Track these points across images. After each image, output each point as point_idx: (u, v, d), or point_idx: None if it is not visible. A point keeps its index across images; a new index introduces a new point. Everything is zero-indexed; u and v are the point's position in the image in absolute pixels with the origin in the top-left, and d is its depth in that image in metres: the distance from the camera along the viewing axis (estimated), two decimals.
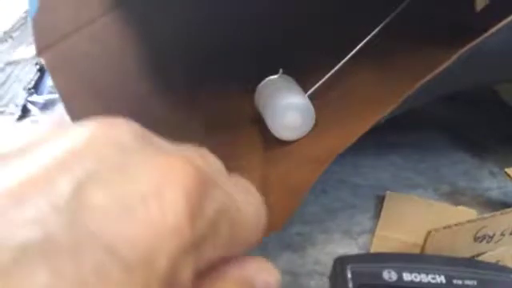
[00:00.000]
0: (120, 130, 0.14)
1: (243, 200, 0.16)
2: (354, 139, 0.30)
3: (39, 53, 0.24)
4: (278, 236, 0.32)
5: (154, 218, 0.12)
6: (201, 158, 0.15)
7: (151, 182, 0.12)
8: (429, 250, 0.27)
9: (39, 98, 0.45)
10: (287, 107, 0.35)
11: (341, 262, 0.25)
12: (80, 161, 0.12)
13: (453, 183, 0.38)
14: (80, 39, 0.29)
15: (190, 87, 0.40)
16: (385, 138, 0.41)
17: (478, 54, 0.28)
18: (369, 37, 0.39)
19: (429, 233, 0.27)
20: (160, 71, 0.37)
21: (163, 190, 0.12)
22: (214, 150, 0.40)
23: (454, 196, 0.37)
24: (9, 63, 0.46)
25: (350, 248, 0.32)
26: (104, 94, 0.30)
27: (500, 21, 0.26)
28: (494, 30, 0.26)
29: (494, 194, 0.37)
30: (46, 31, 0.25)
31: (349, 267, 0.25)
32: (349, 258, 0.25)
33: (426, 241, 0.27)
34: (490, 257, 0.29)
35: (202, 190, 0.13)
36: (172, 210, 0.12)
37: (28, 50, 0.48)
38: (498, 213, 0.28)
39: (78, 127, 0.14)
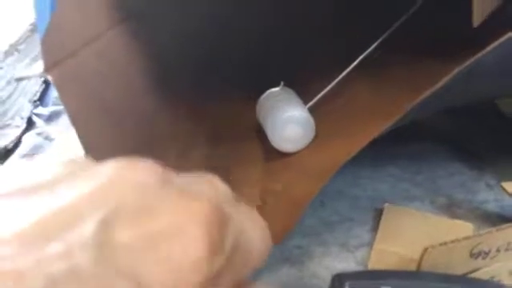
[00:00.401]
0: (143, 171, 0.14)
1: (251, 228, 0.16)
2: (355, 151, 0.30)
3: (47, 70, 0.24)
4: (277, 249, 0.32)
5: (177, 256, 0.13)
6: (214, 190, 0.16)
7: (174, 221, 0.13)
8: (425, 267, 0.27)
9: (44, 110, 0.46)
10: (287, 120, 0.35)
11: (339, 279, 0.25)
12: (106, 199, 0.13)
13: (449, 195, 0.38)
14: (87, 55, 0.30)
15: (194, 100, 0.40)
16: (383, 148, 0.42)
17: (476, 70, 0.29)
18: (369, 50, 0.39)
19: (425, 250, 0.27)
20: (166, 85, 0.38)
21: (185, 228, 0.13)
22: (216, 162, 0.40)
23: (451, 209, 0.37)
24: (16, 78, 0.46)
25: (348, 262, 0.32)
26: (111, 110, 0.31)
27: (500, 32, 0.27)
28: (490, 47, 0.27)
29: (491, 206, 0.37)
30: (54, 49, 0.25)
31: (347, 284, 0.25)
32: (347, 275, 0.26)
33: (422, 257, 0.27)
34: (485, 273, 0.29)
35: (221, 227, 0.14)
36: (194, 247, 0.13)
37: (34, 64, 0.49)
38: (494, 229, 0.28)
39: (103, 167, 0.14)
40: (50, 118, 0.46)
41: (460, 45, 0.31)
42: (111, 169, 0.14)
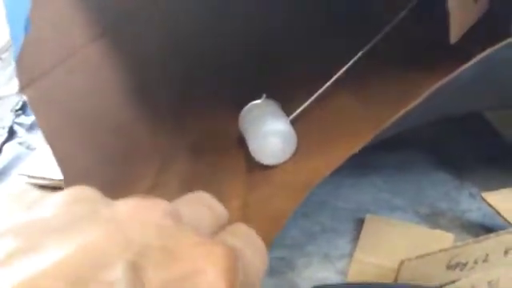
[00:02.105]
0: (155, 211, 0.15)
1: (252, 253, 0.18)
2: (336, 166, 0.30)
3: (22, 90, 0.24)
4: None
5: None
6: (214, 217, 0.18)
7: (195, 265, 0.14)
8: (402, 279, 0.28)
9: (26, 119, 0.46)
10: (268, 133, 0.35)
11: None
12: (129, 240, 0.14)
13: (432, 205, 0.39)
14: (61, 73, 0.30)
15: (176, 112, 0.41)
16: (366, 158, 0.42)
17: (454, 85, 0.29)
18: (353, 60, 0.39)
19: (402, 262, 0.27)
20: (146, 98, 0.38)
21: (206, 272, 0.14)
22: (197, 174, 0.40)
23: (434, 218, 0.37)
24: None
25: (329, 273, 0.32)
26: (89, 126, 0.31)
27: (483, 42, 0.27)
28: (468, 64, 0.27)
29: (473, 216, 0.38)
30: (28, 68, 0.25)
31: None
32: None
33: (399, 270, 0.27)
34: (463, 284, 0.29)
35: (235, 269, 0.15)
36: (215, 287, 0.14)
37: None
38: (471, 241, 0.29)
39: (117, 207, 0.15)
40: (32, 127, 0.46)
41: (447, 55, 0.31)
42: (125, 209, 0.15)
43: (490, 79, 0.29)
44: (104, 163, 0.31)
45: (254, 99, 0.40)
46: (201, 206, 0.18)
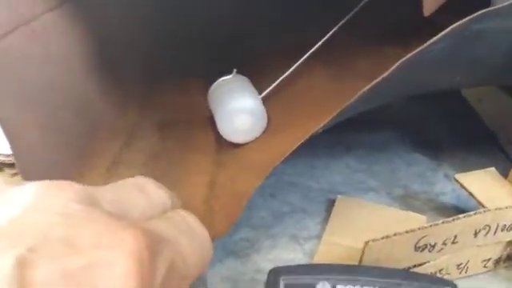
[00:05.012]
0: (64, 198, 0.14)
1: (188, 242, 0.16)
2: (297, 144, 0.29)
3: None
4: (223, 241, 0.31)
5: None
6: (147, 201, 0.16)
7: (99, 255, 0.12)
8: (367, 261, 0.27)
9: None
10: (237, 110, 0.34)
11: (274, 274, 0.25)
12: (24, 232, 0.12)
13: (406, 186, 0.38)
14: (18, 38, 0.28)
15: (143, 88, 0.39)
16: (340, 138, 0.41)
17: (426, 58, 0.28)
18: (327, 36, 0.38)
19: (367, 243, 0.26)
20: (111, 72, 0.36)
21: (112, 264, 0.12)
22: (165, 151, 0.39)
23: (407, 200, 0.36)
24: None
25: (295, 254, 0.31)
26: (46, 99, 0.29)
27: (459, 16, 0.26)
28: (436, 38, 0.26)
29: (447, 198, 0.37)
30: None
31: (282, 279, 0.24)
32: (282, 270, 0.25)
33: (364, 251, 0.26)
34: (432, 266, 0.29)
35: (152, 259, 0.13)
36: (123, 281, 0.12)
37: None
38: (440, 221, 0.28)
39: (19, 192, 0.14)
40: None
41: (421, 31, 0.30)
42: (30, 195, 0.13)
43: (462, 53, 0.28)
44: (61, 138, 0.30)
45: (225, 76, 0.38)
46: (133, 191, 0.17)
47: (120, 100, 0.37)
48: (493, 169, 0.35)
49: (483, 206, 0.32)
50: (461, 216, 0.28)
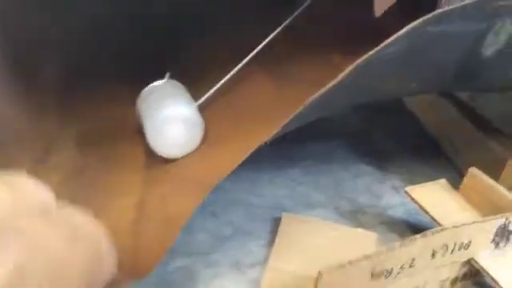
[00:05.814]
0: None
1: (71, 247, 0.14)
2: (240, 160, 0.26)
3: None
4: (156, 272, 0.27)
5: None
6: (12, 197, 0.15)
7: None
8: None
9: None
10: (169, 119, 0.30)
11: None
12: None
13: (353, 200, 0.35)
14: None
15: (63, 96, 0.34)
16: (284, 149, 0.38)
17: (378, 64, 0.25)
18: (265, 42, 0.35)
19: (320, 274, 0.23)
20: (25, 78, 0.31)
21: None
22: (86, 167, 0.34)
23: (355, 215, 0.34)
24: None
25: (238, 284, 0.28)
26: None
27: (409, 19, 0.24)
28: (390, 39, 0.23)
29: (397, 212, 0.35)
30: None
31: None
32: None
33: (317, 282, 0.23)
34: None
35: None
36: None
37: None
38: (397, 245, 0.25)
39: None
40: None
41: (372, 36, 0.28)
42: None
43: (419, 58, 0.26)
44: None
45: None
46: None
47: (34, 108, 0.32)
48: (443, 180, 0.33)
49: (437, 222, 0.30)
50: (417, 236, 0.26)
